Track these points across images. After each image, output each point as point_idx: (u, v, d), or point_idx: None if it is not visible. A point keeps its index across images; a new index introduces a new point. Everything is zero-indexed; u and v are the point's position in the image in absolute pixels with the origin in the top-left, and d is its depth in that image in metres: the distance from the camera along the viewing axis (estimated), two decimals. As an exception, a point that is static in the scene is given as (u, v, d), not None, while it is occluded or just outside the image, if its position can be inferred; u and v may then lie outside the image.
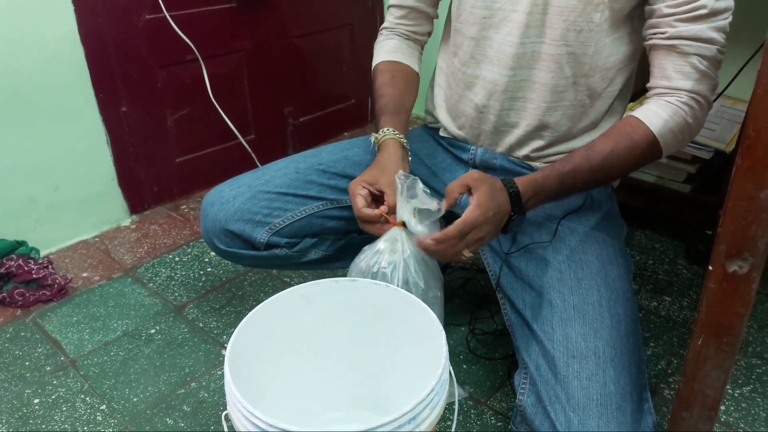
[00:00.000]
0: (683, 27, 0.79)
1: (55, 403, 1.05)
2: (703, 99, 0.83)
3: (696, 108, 0.83)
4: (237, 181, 1.00)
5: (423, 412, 0.62)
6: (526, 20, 0.86)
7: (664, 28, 0.81)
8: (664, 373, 1.10)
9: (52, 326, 1.23)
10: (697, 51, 0.80)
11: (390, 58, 1.03)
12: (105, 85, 1.44)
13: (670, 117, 0.82)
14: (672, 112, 0.82)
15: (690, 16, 0.78)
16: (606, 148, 0.83)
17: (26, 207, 1.40)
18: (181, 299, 1.31)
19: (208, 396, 1.06)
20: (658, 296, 1.30)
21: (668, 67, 0.82)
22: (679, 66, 0.81)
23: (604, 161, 0.83)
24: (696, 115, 0.83)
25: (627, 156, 0.83)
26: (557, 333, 0.80)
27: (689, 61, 0.80)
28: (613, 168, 0.84)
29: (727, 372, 0.59)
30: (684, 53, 0.80)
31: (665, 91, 0.83)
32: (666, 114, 0.82)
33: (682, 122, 0.82)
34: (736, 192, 0.51)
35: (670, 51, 0.81)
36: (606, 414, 0.73)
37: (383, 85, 1.00)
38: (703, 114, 0.84)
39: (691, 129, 0.84)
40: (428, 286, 0.84)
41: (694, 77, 0.81)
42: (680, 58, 0.81)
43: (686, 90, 0.82)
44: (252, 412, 0.59)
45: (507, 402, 1.04)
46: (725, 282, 0.54)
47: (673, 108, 0.82)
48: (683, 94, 0.82)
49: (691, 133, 0.85)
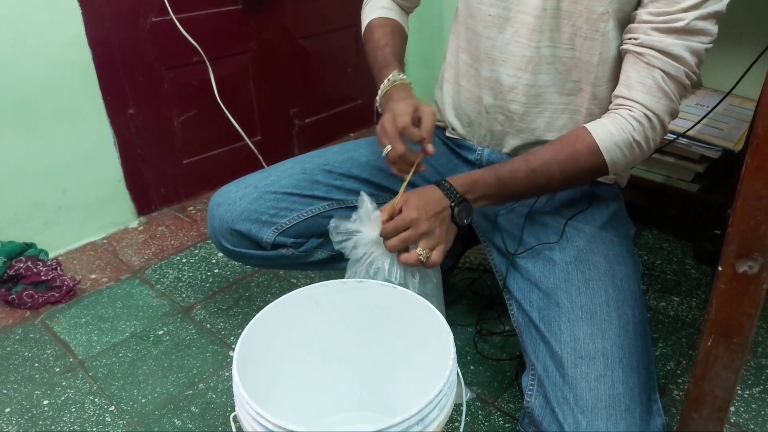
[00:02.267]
0: (655, 36, 0.77)
1: (65, 404, 1.05)
2: (656, 118, 0.79)
3: (646, 126, 0.80)
4: (243, 181, 1.01)
5: (431, 414, 0.62)
6: (534, 23, 0.86)
7: (637, 34, 0.79)
8: (673, 373, 1.10)
9: (61, 327, 1.24)
10: (662, 66, 0.77)
11: (386, 15, 1.04)
12: (112, 88, 1.45)
13: (617, 131, 0.80)
14: (619, 126, 0.80)
15: (664, 27, 0.76)
16: (547, 154, 0.83)
17: (35, 209, 1.41)
18: (188, 300, 1.31)
19: (216, 397, 1.06)
20: (666, 296, 1.29)
21: (632, 75, 0.80)
22: (642, 77, 0.79)
23: (543, 166, 0.82)
24: (645, 133, 0.80)
25: (567, 163, 0.81)
26: (565, 334, 0.80)
27: (652, 75, 0.78)
28: (553, 174, 0.82)
29: (737, 372, 0.58)
30: (649, 65, 0.78)
31: (623, 102, 0.81)
32: (614, 128, 0.80)
33: (628, 138, 0.79)
34: (746, 191, 0.51)
35: (637, 59, 0.79)
36: (614, 415, 0.72)
37: (385, 35, 1.00)
38: (653, 134, 0.81)
39: (640, 147, 0.81)
40: (425, 277, 0.86)
41: (654, 93, 0.78)
42: (645, 69, 0.79)
43: (641, 104, 0.79)
44: (260, 414, 0.60)
45: (515, 403, 1.04)
46: (735, 282, 0.54)
47: (622, 122, 0.80)
48: (636, 108, 0.79)
49: (641, 151, 0.81)
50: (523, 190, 0.85)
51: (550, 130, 0.93)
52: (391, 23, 1.03)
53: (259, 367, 0.75)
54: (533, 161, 0.83)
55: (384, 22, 1.03)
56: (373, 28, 1.02)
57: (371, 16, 1.04)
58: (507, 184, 0.84)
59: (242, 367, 0.66)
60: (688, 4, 0.75)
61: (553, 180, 0.84)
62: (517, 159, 0.85)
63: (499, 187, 0.84)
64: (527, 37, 0.87)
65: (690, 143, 1.31)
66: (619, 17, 0.83)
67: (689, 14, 0.75)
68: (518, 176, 0.83)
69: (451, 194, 0.82)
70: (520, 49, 0.89)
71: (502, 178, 0.83)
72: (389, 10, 1.05)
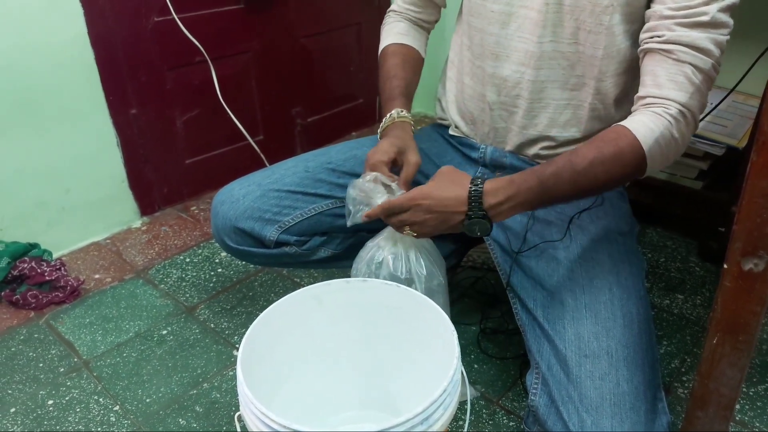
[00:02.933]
0: (682, 32, 0.75)
1: (69, 404, 1.06)
2: (690, 115, 0.77)
3: (682, 123, 0.77)
4: (247, 179, 1.01)
5: (436, 413, 0.62)
6: (538, 18, 0.86)
7: (661, 31, 0.77)
8: (677, 371, 1.09)
9: (65, 328, 1.24)
10: (692, 60, 0.76)
11: (400, 41, 1.03)
12: (115, 88, 1.45)
13: (657, 128, 0.76)
14: (660, 123, 0.76)
15: (690, 21, 0.75)
16: (590, 154, 0.76)
17: (38, 210, 1.42)
18: (192, 300, 1.31)
19: (221, 396, 1.06)
20: (670, 294, 1.29)
21: (661, 74, 0.77)
22: (672, 74, 0.77)
23: (589, 167, 0.76)
24: (682, 130, 0.77)
25: (612, 163, 0.76)
26: (569, 332, 0.80)
27: (683, 71, 0.76)
28: (597, 176, 0.77)
29: (742, 370, 0.58)
30: (679, 60, 0.76)
31: (654, 101, 0.78)
32: (653, 124, 0.76)
33: (668, 135, 0.77)
34: (752, 189, 0.50)
35: (665, 57, 0.77)
36: (619, 414, 0.72)
37: (395, 66, 1.00)
38: (688, 131, 0.79)
39: (677, 144, 0.78)
40: (431, 274, 0.86)
41: (687, 89, 0.76)
42: (674, 66, 0.76)
43: (677, 102, 0.76)
44: (265, 413, 0.60)
45: (519, 402, 1.04)
46: (741, 280, 0.54)
47: (661, 119, 0.76)
48: (672, 106, 0.77)
49: (677, 148, 0.79)
50: (564, 195, 0.79)
51: (554, 126, 0.93)
52: (404, 51, 1.03)
53: (264, 367, 0.75)
54: (578, 162, 0.76)
55: (397, 50, 1.03)
56: (386, 56, 1.02)
57: (387, 41, 1.04)
58: (551, 188, 0.77)
59: (246, 367, 0.66)
60: None
61: (596, 182, 0.78)
62: (560, 159, 0.78)
63: (542, 194, 0.77)
64: (530, 33, 0.87)
65: (694, 140, 1.30)
66: (625, 12, 0.82)
67: (711, 7, 0.74)
68: (562, 179, 0.76)
69: (475, 205, 0.77)
70: (523, 45, 0.89)
71: (546, 183, 0.76)
72: (404, 35, 1.04)
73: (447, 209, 0.79)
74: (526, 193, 0.77)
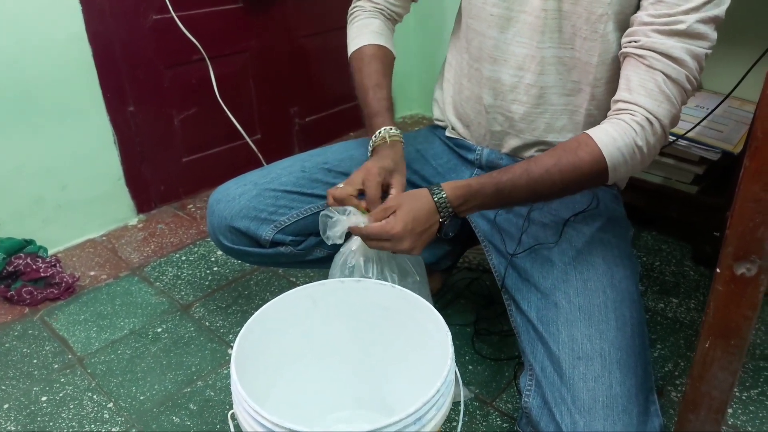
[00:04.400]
0: (656, 38, 0.76)
1: (63, 400, 1.05)
2: (658, 123, 0.77)
3: (648, 130, 0.77)
4: (243, 179, 1.01)
5: (429, 413, 0.62)
6: (536, 23, 0.86)
7: (638, 36, 0.77)
8: (670, 375, 1.10)
9: (60, 324, 1.24)
10: (663, 68, 0.76)
11: (377, 41, 1.01)
12: (112, 86, 1.45)
13: (620, 136, 0.76)
14: (623, 131, 0.77)
15: (666, 29, 0.75)
16: (549, 162, 0.79)
17: (34, 206, 1.41)
18: (187, 298, 1.31)
19: (215, 395, 1.06)
20: (664, 297, 1.29)
21: (633, 79, 0.78)
22: (643, 80, 0.77)
23: (545, 174, 0.78)
24: (647, 138, 0.77)
25: (569, 171, 0.78)
26: (563, 334, 0.80)
27: (654, 78, 0.76)
28: (554, 183, 0.79)
29: (734, 374, 0.59)
30: (651, 67, 0.76)
31: (624, 106, 0.78)
32: (616, 133, 0.77)
33: (631, 144, 0.76)
34: (744, 194, 0.51)
35: (638, 62, 0.77)
36: (612, 416, 0.72)
37: (378, 73, 0.98)
38: (656, 140, 0.78)
39: (642, 153, 0.78)
40: (405, 273, 0.86)
41: (655, 97, 0.76)
42: (646, 72, 0.77)
43: (643, 107, 0.76)
44: (258, 412, 0.60)
45: (513, 403, 1.04)
46: (733, 284, 0.54)
47: (624, 127, 0.77)
48: (639, 112, 0.77)
49: (641, 157, 0.78)
50: (521, 199, 0.83)
51: (550, 131, 0.93)
52: (382, 54, 1.00)
53: (258, 366, 0.75)
54: (534, 170, 0.79)
55: (375, 52, 0.99)
56: (364, 59, 0.99)
57: (361, 41, 1.00)
58: (507, 194, 0.81)
59: (240, 365, 0.67)
60: (689, 6, 0.74)
61: (554, 188, 0.80)
62: (518, 167, 0.81)
63: (498, 198, 0.82)
64: (529, 37, 0.88)
65: (689, 145, 1.31)
66: (619, 19, 0.83)
67: (690, 17, 0.74)
68: (519, 186, 0.80)
69: (444, 208, 0.81)
70: (521, 49, 0.89)
71: (503, 189, 0.80)
72: (380, 34, 1.01)
73: (426, 224, 0.81)
74: (483, 198, 0.82)
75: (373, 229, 0.80)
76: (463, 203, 0.81)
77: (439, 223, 0.82)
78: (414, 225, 0.80)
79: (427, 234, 0.82)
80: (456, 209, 0.82)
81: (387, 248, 0.81)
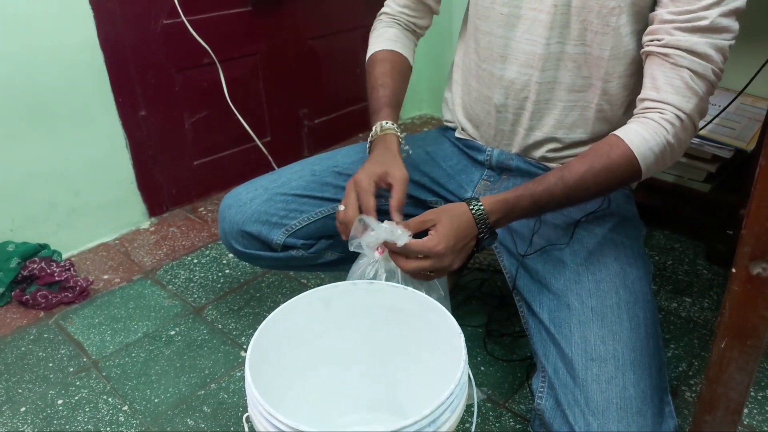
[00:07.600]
0: (680, 36, 0.75)
1: (79, 403, 1.06)
2: (687, 119, 0.77)
3: (678, 127, 0.77)
4: (254, 183, 1.01)
5: (443, 415, 0.62)
6: (546, 20, 0.86)
7: (661, 35, 0.77)
8: (685, 375, 1.09)
9: (75, 328, 1.25)
10: (690, 65, 0.76)
11: (391, 47, 1.01)
12: (124, 90, 1.46)
13: (651, 136, 0.77)
14: (653, 131, 0.77)
15: (689, 26, 0.75)
16: (581, 168, 0.79)
17: (48, 211, 1.43)
18: (200, 301, 1.32)
19: (228, 397, 1.07)
20: (678, 297, 1.28)
21: (659, 77, 0.78)
22: (670, 78, 0.77)
23: (579, 181, 0.79)
24: (678, 134, 0.78)
25: (604, 175, 0.79)
26: (575, 336, 0.80)
27: (680, 75, 0.76)
28: (588, 188, 0.80)
29: (751, 375, 0.58)
30: (676, 65, 0.76)
31: (652, 105, 0.78)
32: (647, 133, 0.77)
33: (662, 141, 0.77)
34: (760, 193, 0.50)
35: (663, 60, 0.77)
36: (626, 418, 0.72)
37: (384, 74, 0.98)
38: (685, 135, 0.79)
39: (673, 150, 0.79)
40: (430, 289, 0.84)
41: (683, 93, 0.77)
42: (672, 70, 0.77)
43: (672, 105, 0.77)
44: (273, 414, 0.60)
45: (526, 404, 1.04)
46: (749, 284, 0.54)
47: (655, 126, 0.77)
48: (668, 110, 0.77)
49: (673, 154, 0.80)
50: (556, 207, 0.83)
51: (560, 127, 0.93)
52: (393, 58, 1.00)
53: (271, 368, 0.75)
54: (569, 177, 0.79)
55: (386, 56, 1.00)
56: (375, 63, 1.00)
57: (376, 47, 1.02)
58: (543, 204, 0.81)
59: (254, 368, 0.67)
60: (710, 1, 0.74)
61: (588, 193, 0.81)
62: (551, 176, 0.80)
63: (535, 208, 0.81)
64: (538, 35, 0.87)
65: (702, 143, 1.30)
66: (632, 12, 0.82)
67: (712, 11, 0.74)
68: (555, 195, 0.80)
69: (483, 223, 0.79)
70: (531, 47, 0.89)
71: (539, 200, 0.80)
72: (394, 41, 1.02)
73: (466, 239, 0.79)
74: (521, 211, 0.81)
75: (415, 245, 0.76)
76: (501, 217, 0.80)
77: (477, 239, 0.80)
78: (456, 241, 0.78)
79: (466, 250, 0.80)
80: (493, 223, 0.80)
81: (426, 267, 0.77)
